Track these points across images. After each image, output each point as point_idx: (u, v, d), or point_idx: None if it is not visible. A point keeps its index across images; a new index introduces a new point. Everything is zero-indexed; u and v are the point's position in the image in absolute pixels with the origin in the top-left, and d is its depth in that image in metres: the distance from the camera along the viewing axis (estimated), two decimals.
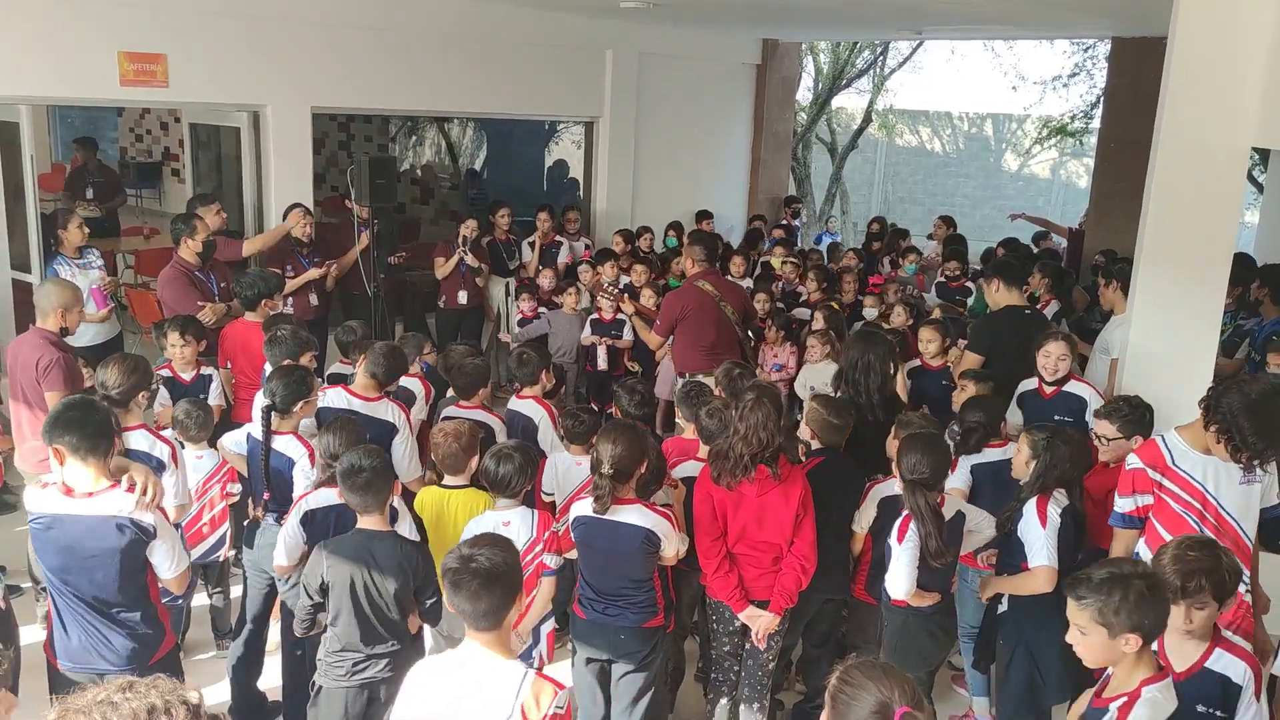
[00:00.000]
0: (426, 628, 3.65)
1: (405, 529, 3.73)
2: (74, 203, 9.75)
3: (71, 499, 3.09)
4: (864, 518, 4.02)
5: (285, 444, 4.05)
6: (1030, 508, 3.69)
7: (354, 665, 3.32)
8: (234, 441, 4.48)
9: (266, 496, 4.08)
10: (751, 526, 3.65)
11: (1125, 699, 2.57)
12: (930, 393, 5.47)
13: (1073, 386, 4.88)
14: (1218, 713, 2.80)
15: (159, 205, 13.99)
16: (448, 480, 4.02)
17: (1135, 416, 4.13)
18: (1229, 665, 2.80)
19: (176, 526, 3.65)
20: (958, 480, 4.31)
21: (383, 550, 3.30)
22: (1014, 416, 4.89)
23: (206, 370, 5.32)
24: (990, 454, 4.30)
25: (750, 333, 6.67)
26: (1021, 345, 5.28)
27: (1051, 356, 4.85)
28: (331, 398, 4.48)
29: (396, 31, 7.96)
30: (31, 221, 6.68)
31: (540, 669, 3.77)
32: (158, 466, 3.74)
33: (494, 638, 2.53)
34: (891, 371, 4.80)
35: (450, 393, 5.16)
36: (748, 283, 7.98)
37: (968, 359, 5.47)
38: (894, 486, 3.77)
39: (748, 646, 3.84)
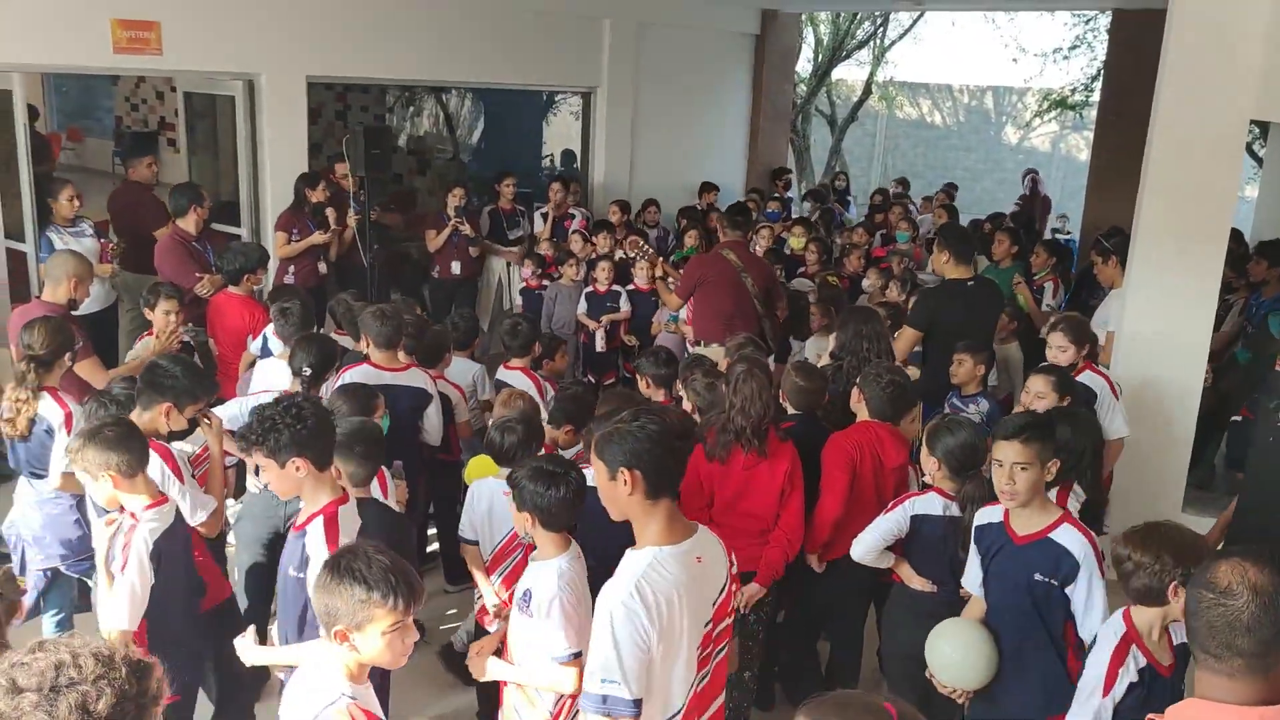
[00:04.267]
0: None
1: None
2: None
3: None
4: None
5: None
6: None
7: None
8: (233, 415, 4.18)
9: None
10: (737, 499, 3.65)
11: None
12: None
13: (1085, 377, 4.59)
14: (1053, 582, 2.97)
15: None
16: None
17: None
18: (1071, 540, 2.97)
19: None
20: None
21: (368, 516, 3.31)
22: None
23: (184, 338, 5.26)
24: None
25: (777, 312, 6.41)
26: (963, 318, 5.02)
27: (1052, 348, 4.68)
28: (358, 375, 4.31)
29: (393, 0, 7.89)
30: (25, 191, 6.64)
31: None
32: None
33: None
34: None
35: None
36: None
37: (906, 335, 5.24)
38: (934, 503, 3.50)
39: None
